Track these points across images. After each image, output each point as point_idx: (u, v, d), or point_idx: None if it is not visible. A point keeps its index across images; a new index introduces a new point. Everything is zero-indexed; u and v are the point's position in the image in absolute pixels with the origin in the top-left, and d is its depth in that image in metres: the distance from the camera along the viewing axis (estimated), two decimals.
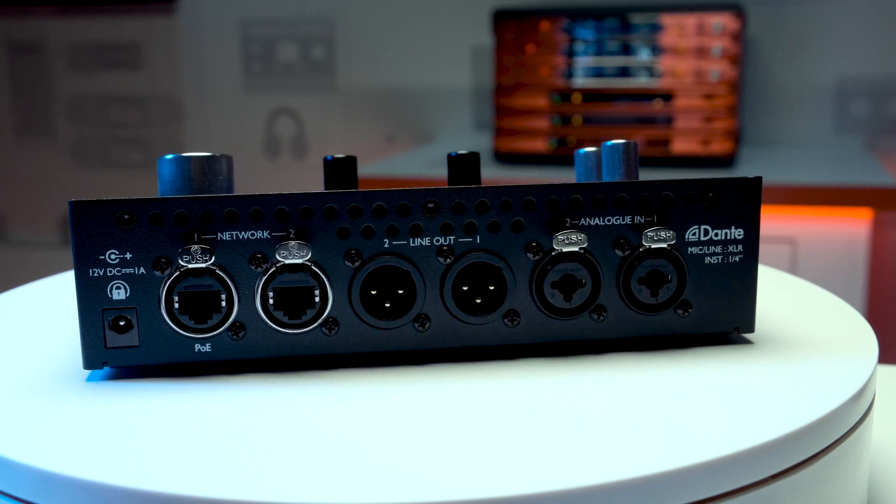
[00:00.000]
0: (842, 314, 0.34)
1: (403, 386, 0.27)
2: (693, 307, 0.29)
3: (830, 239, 1.01)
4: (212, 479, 0.21)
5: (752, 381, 0.27)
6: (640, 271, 0.29)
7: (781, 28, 1.30)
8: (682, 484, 0.22)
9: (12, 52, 1.64)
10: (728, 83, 1.07)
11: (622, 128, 1.11)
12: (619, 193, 0.29)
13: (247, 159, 1.55)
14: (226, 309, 0.27)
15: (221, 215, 0.27)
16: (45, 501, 0.22)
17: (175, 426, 0.25)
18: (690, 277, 0.29)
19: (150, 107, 1.60)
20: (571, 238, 0.28)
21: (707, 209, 0.29)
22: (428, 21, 1.45)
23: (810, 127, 1.31)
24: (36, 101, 1.64)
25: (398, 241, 0.28)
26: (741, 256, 0.30)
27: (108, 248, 0.27)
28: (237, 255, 0.27)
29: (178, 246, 0.27)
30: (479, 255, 0.28)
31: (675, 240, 0.29)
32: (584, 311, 0.29)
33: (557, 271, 0.28)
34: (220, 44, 1.54)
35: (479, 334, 0.29)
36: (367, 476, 0.21)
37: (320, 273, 0.28)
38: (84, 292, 0.27)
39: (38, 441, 0.24)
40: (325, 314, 0.28)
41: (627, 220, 0.29)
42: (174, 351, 0.28)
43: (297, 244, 0.27)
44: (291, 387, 0.27)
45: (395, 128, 1.49)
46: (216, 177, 0.30)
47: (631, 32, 1.10)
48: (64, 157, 1.65)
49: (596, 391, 0.27)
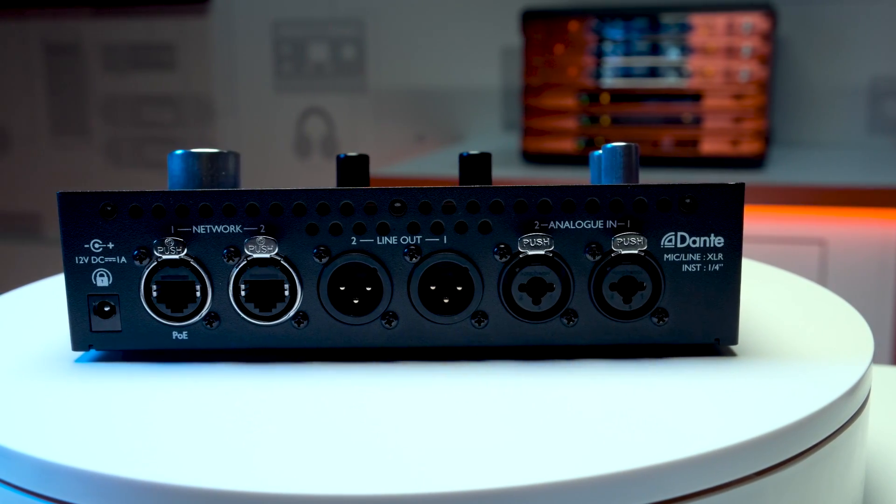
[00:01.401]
0: (841, 314, 0.34)
1: (379, 379, 0.28)
2: (670, 316, 0.29)
3: (861, 240, 1.00)
4: (194, 467, 0.22)
5: (741, 378, 0.27)
6: (612, 277, 0.28)
7: (814, 28, 1.29)
8: (667, 479, 0.22)
9: (48, 53, 1.66)
10: (758, 83, 1.07)
11: (651, 128, 1.10)
12: (590, 197, 0.28)
13: (277, 159, 1.56)
14: (200, 299, 0.29)
15: (196, 209, 0.28)
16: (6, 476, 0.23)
17: (152, 411, 0.25)
18: (667, 285, 0.28)
19: (183, 107, 1.62)
20: (537, 241, 0.28)
21: (684, 215, 0.28)
22: (457, 21, 1.45)
23: (843, 127, 1.30)
24: (71, 102, 1.67)
25: (365, 238, 0.28)
26: (721, 265, 0.28)
27: (92, 238, 0.29)
28: (211, 248, 0.29)
29: (156, 237, 0.28)
30: (445, 255, 0.28)
31: (648, 246, 0.28)
32: (555, 315, 0.29)
33: (525, 274, 0.28)
34: (251, 44, 1.56)
35: (447, 334, 0.29)
36: (330, 467, 0.22)
37: (289, 268, 0.28)
38: (71, 278, 0.29)
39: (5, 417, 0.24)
40: (295, 308, 0.29)
41: (599, 224, 0.28)
42: (153, 337, 0.29)
43: (265, 239, 0.28)
44: (265, 376, 0.28)
45: (424, 128, 1.50)
46: (219, 172, 0.31)
47: (660, 32, 1.09)
48: (98, 157, 1.67)
49: (579, 388, 0.27)
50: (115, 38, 1.63)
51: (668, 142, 1.10)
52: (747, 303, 0.36)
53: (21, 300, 0.38)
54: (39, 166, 1.70)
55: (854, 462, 0.28)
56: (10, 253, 1.74)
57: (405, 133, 1.51)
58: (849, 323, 0.33)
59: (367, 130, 1.53)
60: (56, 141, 1.69)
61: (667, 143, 1.10)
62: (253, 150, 1.57)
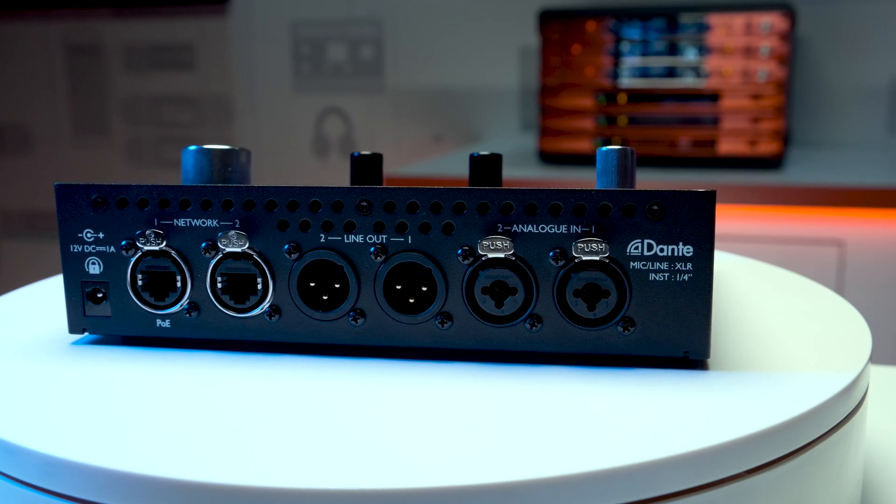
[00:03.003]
0: (841, 312, 0.34)
1: (352, 376, 0.28)
2: (637, 325, 0.28)
3: (879, 242, 0.99)
4: (190, 460, 0.22)
5: (735, 376, 0.27)
6: (576, 283, 0.27)
7: (833, 27, 1.28)
8: (658, 476, 0.22)
9: (70, 53, 1.68)
10: (776, 83, 1.06)
11: (668, 128, 1.10)
12: (553, 201, 0.27)
13: (296, 159, 1.57)
14: (181, 289, 0.30)
15: (177, 203, 0.30)
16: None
17: (148, 400, 0.26)
18: (633, 294, 0.27)
19: (203, 107, 1.63)
20: (497, 244, 0.28)
21: (651, 222, 0.27)
22: (475, 22, 1.45)
23: (862, 128, 1.29)
24: (92, 102, 1.68)
25: (333, 236, 0.29)
26: (691, 275, 0.27)
27: (85, 227, 0.30)
28: (191, 241, 0.30)
29: (140, 229, 0.30)
30: (409, 254, 0.28)
31: (613, 253, 0.27)
32: (518, 319, 0.28)
33: (488, 277, 0.28)
34: (270, 45, 1.56)
35: (413, 334, 0.29)
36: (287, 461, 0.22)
37: (262, 262, 0.29)
38: (67, 265, 0.31)
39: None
40: (268, 301, 0.30)
41: (563, 228, 0.27)
42: (139, 324, 0.31)
43: (237, 234, 0.29)
44: (262, 368, 0.28)
45: (442, 128, 1.50)
46: (226, 168, 0.32)
47: (678, 32, 1.09)
48: (119, 157, 1.68)
49: (566, 388, 0.27)
50: (136, 38, 1.64)
51: (686, 142, 1.09)
52: (746, 300, 0.36)
53: (36, 293, 0.38)
54: (61, 166, 1.72)
55: (850, 461, 0.28)
56: (31, 251, 1.76)
57: (423, 133, 1.51)
58: (848, 322, 0.33)
59: (385, 130, 1.53)
60: (77, 141, 1.70)
61: (684, 144, 1.10)
62: (271, 149, 1.58)
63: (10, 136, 1.74)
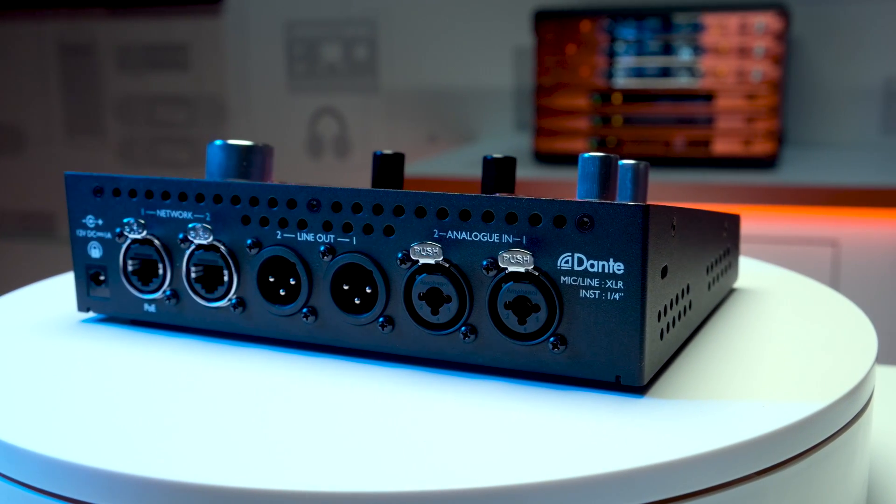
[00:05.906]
0: (847, 314, 0.34)
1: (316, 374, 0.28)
2: (568, 344, 0.26)
3: (874, 241, 0.99)
4: (188, 459, 0.22)
5: (743, 376, 0.27)
6: (507, 295, 0.27)
7: (827, 28, 1.28)
8: (669, 477, 0.22)
9: (63, 53, 1.67)
10: (770, 83, 1.06)
11: (663, 128, 1.10)
12: (486, 208, 0.27)
13: (290, 159, 1.57)
14: (162, 276, 0.32)
15: (159, 194, 0.31)
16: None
17: (146, 393, 0.26)
18: (564, 310, 0.26)
19: (197, 107, 1.63)
20: (427, 250, 0.27)
21: (581, 235, 0.26)
22: (469, 22, 1.45)
23: (857, 128, 1.29)
24: (86, 102, 1.68)
25: (288, 233, 0.29)
26: (621, 294, 0.25)
27: (88, 214, 0.32)
28: (171, 231, 0.31)
29: (129, 217, 0.32)
30: (353, 255, 0.29)
31: (543, 265, 0.26)
32: (453, 327, 0.28)
33: (424, 283, 0.27)
34: (264, 45, 1.56)
35: (360, 336, 0.29)
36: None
37: (227, 255, 0.30)
38: (75, 248, 0.33)
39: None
40: (233, 293, 0.31)
41: (494, 237, 0.26)
42: (131, 307, 0.33)
43: (203, 227, 0.30)
44: (258, 360, 0.28)
45: (436, 128, 1.50)
46: (242, 163, 0.33)
47: (672, 32, 1.09)
48: (113, 156, 1.68)
49: (561, 391, 0.27)
50: (130, 38, 1.64)
51: (681, 142, 1.10)
52: (754, 301, 0.36)
53: (35, 294, 0.38)
54: (54, 166, 1.71)
55: (856, 462, 0.28)
56: (23, 252, 1.75)
57: (417, 133, 1.51)
58: (853, 324, 0.33)
59: (380, 130, 1.53)
60: (70, 141, 1.70)
61: (679, 144, 1.10)
62: None
63: (4, 136, 1.74)
